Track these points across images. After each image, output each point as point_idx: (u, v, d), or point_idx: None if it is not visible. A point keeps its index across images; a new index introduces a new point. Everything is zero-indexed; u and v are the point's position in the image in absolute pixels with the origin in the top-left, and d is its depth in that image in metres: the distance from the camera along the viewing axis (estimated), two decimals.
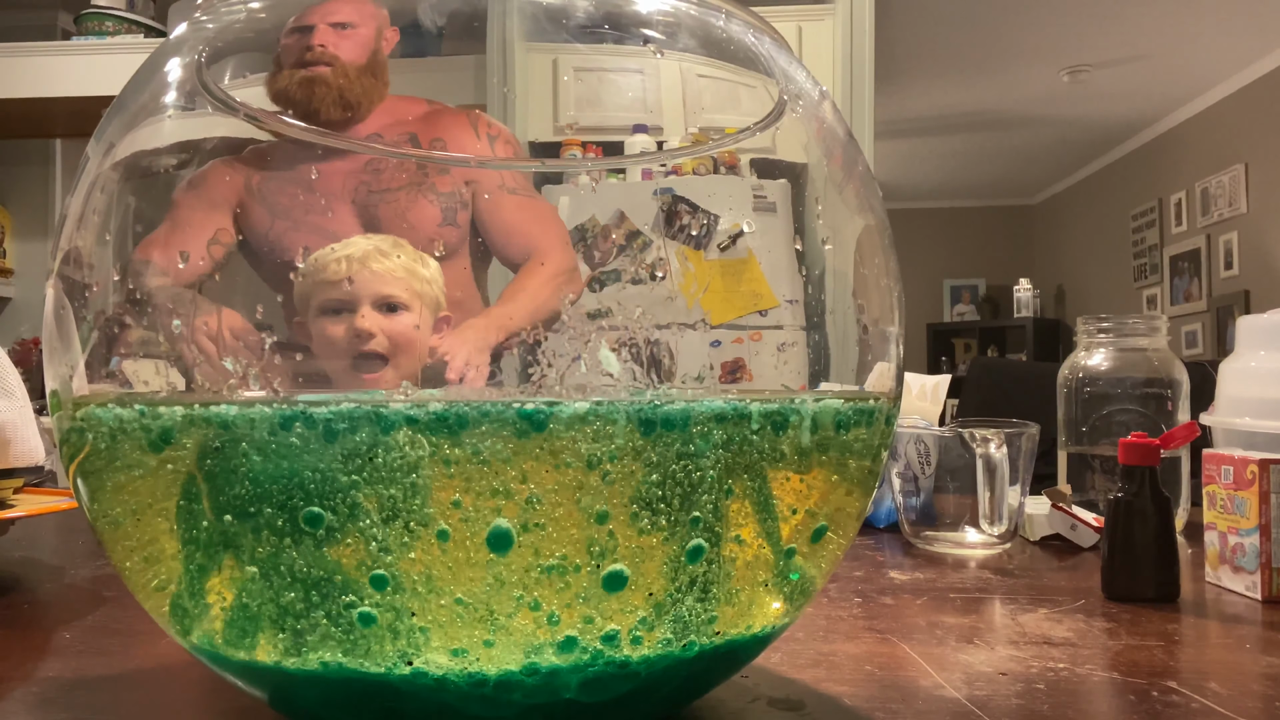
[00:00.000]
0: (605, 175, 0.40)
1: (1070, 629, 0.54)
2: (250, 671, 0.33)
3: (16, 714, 0.41)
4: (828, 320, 0.38)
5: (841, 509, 0.37)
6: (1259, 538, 0.61)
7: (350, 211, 0.36)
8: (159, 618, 0.35)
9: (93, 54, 2.70)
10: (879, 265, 0.40)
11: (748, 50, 0.40)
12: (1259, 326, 0.87)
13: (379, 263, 0.37)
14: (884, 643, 0.51)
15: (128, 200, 0.36)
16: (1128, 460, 0.63)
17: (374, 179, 0.36)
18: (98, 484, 0.34)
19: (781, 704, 0.42)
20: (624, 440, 0.30)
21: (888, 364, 0.39)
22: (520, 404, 0.30)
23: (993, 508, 0.75)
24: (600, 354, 0.33)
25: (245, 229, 0.36)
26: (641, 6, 0.41)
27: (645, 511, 0.31)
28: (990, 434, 0.75)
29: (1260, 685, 0.45)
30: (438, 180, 0.38)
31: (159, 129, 0.37)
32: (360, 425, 0.29)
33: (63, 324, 0.36)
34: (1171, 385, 0.88)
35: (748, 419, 0.32)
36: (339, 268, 0.36)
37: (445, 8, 0.39)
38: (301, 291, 0.35)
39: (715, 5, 0.40)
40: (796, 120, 0.41)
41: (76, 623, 0.55)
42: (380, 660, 0.31)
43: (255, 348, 0.32)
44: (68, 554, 0.76)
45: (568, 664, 0.31)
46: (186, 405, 0.31)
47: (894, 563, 0.73)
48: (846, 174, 0.41)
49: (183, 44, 0.38)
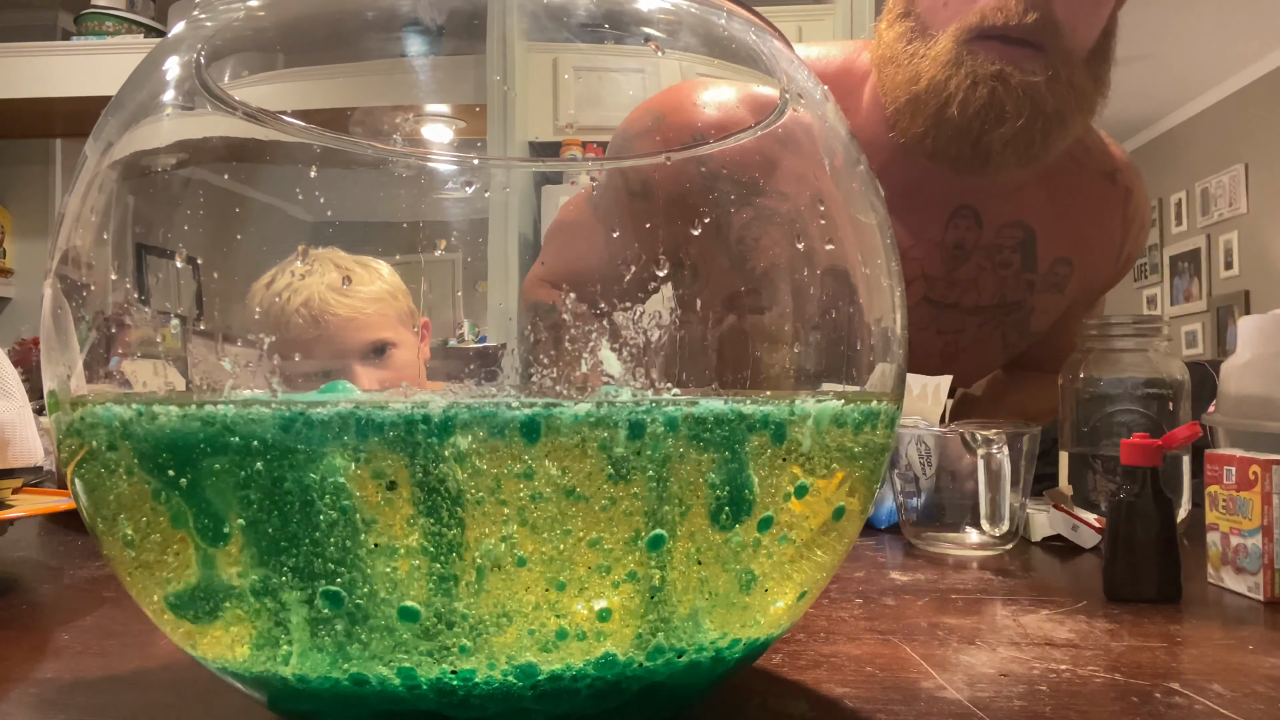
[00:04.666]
0: (605, 175, 0.40)
1: (1072, 630, 0.54)
2: (249, 673, 0.33)
3: (16, 714, 0.41)
4: (828, 320, 0.38)
5: (842, 510, 0.37)
6: (1261, 538, 0.61)
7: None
8: (157, 619, 0.35)
9: (93, 54, 2.70)
10: (880, 265, 0.40)
11: (749, 49, 0.40)
12: (1259, 326, 0.87)
13: (344, 303, 0.33)
14: (885, 644, 0.51)
15: (126, 200, 0.36)
16: (1129, 461, 0.63)
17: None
18: (96, 484, 0.34)
19: (782, 705, 0.42)
20: (624, 443, 0.30)
21: (889, 365, 0.39)
22: (521, 407, 0.29)
23: (994, 508, 0.75)
24: (601, 354, 0.33)
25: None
26: (643, 5, 0.40)
27: (646, 513, 0.31)
28: (991, 435, 0.75)
29: (1263, 686, 0.45)
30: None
31: (157, 128, 0.37)
32: (360, 427, 0.29)
33: (61, 324, 0.35)
34: (1172, 386, 0.87)
35: (748, 420, 0.32)
36: (301, 320, 0.33)
37: (445, 6, 0.38)
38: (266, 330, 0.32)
39: (717, 4, 0.40)
40: (798, 120, 0.41)
41: (75, 623, 0.55)
42: (380, 665, 0.31)
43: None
44: (67, 554, 0.76)
45: (571, 670, 0.31)
46: (185, 405, 0.31)
47: (895, 563, 0.73)
48: (848, 174, 0.41)
49: (181, 43, 0.38)
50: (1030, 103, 0.78)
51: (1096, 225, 0.91)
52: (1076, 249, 0.91)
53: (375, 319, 0.34)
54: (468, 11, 0.39)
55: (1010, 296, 0.89)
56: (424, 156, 0.39)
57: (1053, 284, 0.91)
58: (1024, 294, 0.90)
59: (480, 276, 0.40)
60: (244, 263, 0.36)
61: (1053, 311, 0.92)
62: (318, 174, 0.36)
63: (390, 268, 0.35)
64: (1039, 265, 0.89)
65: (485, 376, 0.37)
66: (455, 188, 0.38)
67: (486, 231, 0.39)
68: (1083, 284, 0.94)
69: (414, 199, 0.38)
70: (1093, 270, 0.93)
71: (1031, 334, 0.94)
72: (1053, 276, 0.90)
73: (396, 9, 0.39)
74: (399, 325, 0.34)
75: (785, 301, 0.37)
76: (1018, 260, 0.89)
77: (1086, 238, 0.91)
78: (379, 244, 0.39)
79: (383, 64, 0.40)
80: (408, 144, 0.39)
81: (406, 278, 0.39)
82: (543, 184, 0.43)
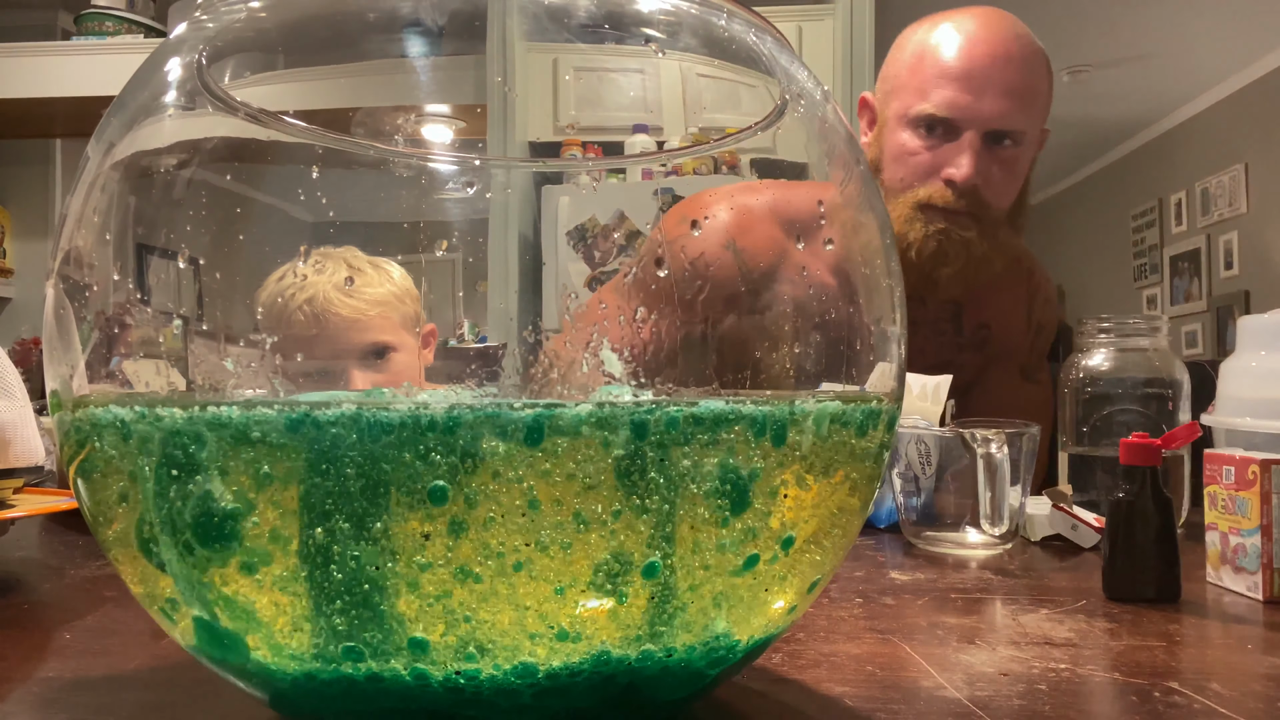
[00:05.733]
0: (605, 175, 0.40)
1: (1071, 629, 0.54)
2: (249, 672, 0.33)
3: (16, 714, 0.41)
4: (828, 320, 0.38)
5: (842, 510, 0.37)
6: (1260, 538, 0.61)
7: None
8: (159, 618, 0.35)
9: (93, 54, 2.70)
10: (879, 265, 0.40)
11: (749, 50, 0.40)
12: (1259, 326, 0.87)
13: (347, 304, 0.33)
14: (885, 643, 0.51)
15: (128, 200, 0.36)
16: (1129, 460, 0.63)
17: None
18: (97, 484, 0.34)
19: (782, 704, 0.42)
20: (624, 444, 0.30)
21: (889, 364, 0.39)
22: (521, 409, 0.29)
23: (993, 508, 0.75)
24: (602, 354, 0.33)
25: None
26: (643, 5, 0.41)
27: (645, 513, 0.31)
28: (991, 434, 0.75)
29: (1262, 686, 0.45)
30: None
31: (159, 129, 0.37)
32: (361, 428, 0.29)
33: (63, 324, 0.35)
34: (1172, 385, 0.87)
35: (748, 420, 0.32)
36: (303, 318, 0.32)
37: (446, 7, 0.38)
38: (272, 331, 0.32)
39: (717, 4, 0.40)
40: (798, 120, 0.41)
41: (76, 623, 0.55)
42: (380, 663, 0.31)
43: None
44: (68, 554, 0.76)
45: (568, 667, 0.31)
46: (187, 406, 0.31)
47: (895, 563, 0.73)
48: (847, 174, 0.41)
49: (183, 43, 0.38)
50: (965, 250, 1.08)
51: (1008, 296, 1.22)
52: (994, 315, 1.21)
53: (377, 321, 0.33)
54: (468, 12, 0.40)
55: (944, 356, 1.18)
56: (425, 157, 0.39)
57: (975, 345, 1.21)
58: (953, 354, 1.19)
59: (480, 276, 0.40)
60: (245, 263, 0.36)
61: (974, 369, 1.21)
62: (319, 174, 0.36)
63: (403, 271, 0.34)
64: (965, 330, 1.21)
65: (486, 376, 0.37)
66: (456, 188, 0.38)
67: (487, 232, 0.39)
68: (1001, 344, 1.22)
69: (415, 199, 0.38)
70: (1007, 331, 1.23)
71: (958, 388, 1.27)
72: (975, 338, 1.21)
73: (397, 10, 0.39)
74: (401, 329, 0.34)
75: (785, 302, 0.37)
76: (950, 329, 1.20)
77: (1000, 306, 1.21)
78: (380, 244, 0.39)
79: (384, 64, 0.40)
80: (408, 144, 0.39)
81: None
82: (543, 184, 0.43)
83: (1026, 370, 1.26)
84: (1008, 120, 1.06)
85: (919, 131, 1.08)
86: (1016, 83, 1.05)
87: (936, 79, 1.06)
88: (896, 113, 1.10)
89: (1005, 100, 1.05)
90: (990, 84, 1.05)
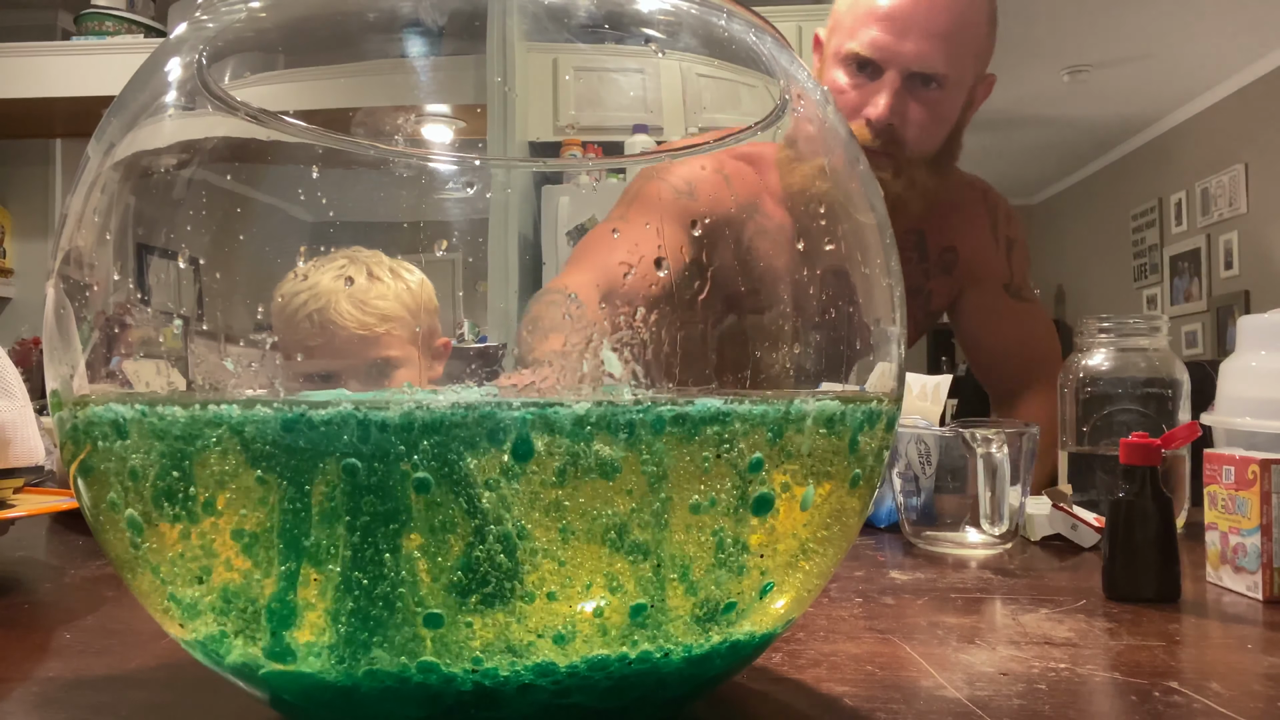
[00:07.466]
0: (605, 175, 0.40)
1: (1071, 629, 0.54)
2: (249, 673, 0.33)
3: (16, 714, 0.41)
4: (828, 320, 0.38)
5: (842, 509, 0.37)
6: (1260, 538, 0.61)
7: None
8: (159, 617, 0.35)
9: (93, 54, 2.70)
10: (879, 265, 0.40)
11: (749, 50, 0.40)
12: (1259, 326, 0.87)
13: (354, 316, 0.31)
14: (885, 643, 0.51)
15: (128, 200, 0.36)
16: (1129, 460, 0.63)
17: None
18: (98, 484, 0.34)
19: (782, 704, 0.42)
20: (624, 444, 0.30)
21: (889, 364, 0.39)
22: (522, 409, 0.30)
23: (993, 508, 0.75)
24: (602, 354, 0.33)
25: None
26: (643, 5, 0.41)
27: (646, 513, 0.31)
28: (991, 434, 0.75)
29: (1262, 685, 0.45)
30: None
31: (159, 129, 0.37)
32: (361, 429, 0.29)
33: (63, 324, 0.35)
34: (1172, 385, 0.87)
35: (748, 420, 0.32)
36: (309, 326, 0.31)
37: (446, 7, 0.38)
38: (278, 331, 0.31)
39: (717, 5, 0.40)
40: (797, 120, 0.41)
41: (76, 623, 0.55)
42: (382, 663, 0.31)
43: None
44: (68, 554, 0.76)
45: (575, 667, 0.31)
46: (187, 405, 0.31)
47: (895, 563, 0.73)
48: (847, 173, 0.41)
49: (183, 43, 0.38)
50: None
51: (967, 217, 1.25)
52: (958, 237, 1.24)
53: (384, 338, 0.33)
54: (468, 12, 0.40)
55: (913, 283, 1.21)
56: (425, 157, 0.39)
57: (942, 268, 1.24)
58: (921, 280, 1.23)
59: (480, 276, 0.40)
60: (245, 263, 0.36)
61: (946, 293, 1.25)
62: (319, 174, 0.36)
63: (423, 278, 0.33)
64: (929, 255, 1.23)
65: (486, 376, 0.37)
66: (456, 188, 0.38)
67: (487, 231, 0.39)
68: (971, 264, 1.25)
69: (415, 199, 0.38)
70: (975, 251, 1.25)
71: (934, 313, 1.29)
72: (941, 261, 1.24)
73: (397, 10, 0.39)
74: (408, 345, 0.33)
75: (785, 301, 0.37)
76: (915, 256, 1.22)
77: (962, 227, 1.25)
78: (380, 244, 0.39)
79: (384, 64, 0.40)
80: (408, 144, 0.39)
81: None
82: (543, 184, 0.43)
83: (1012, 289, 1.28)
84: (930, 63, 1.07)
85: (849, 69, 1.10)
86: (943, 25, 1.07)
87: (865, 18, 1.08)
88: (833, 50, 1.12)
89: (928, 42, 1.06)
90: (914, 25, 1.06)
